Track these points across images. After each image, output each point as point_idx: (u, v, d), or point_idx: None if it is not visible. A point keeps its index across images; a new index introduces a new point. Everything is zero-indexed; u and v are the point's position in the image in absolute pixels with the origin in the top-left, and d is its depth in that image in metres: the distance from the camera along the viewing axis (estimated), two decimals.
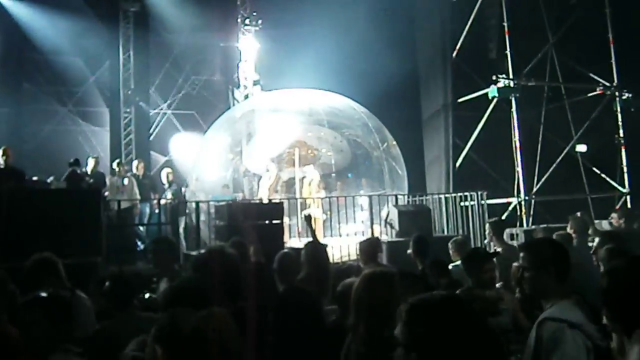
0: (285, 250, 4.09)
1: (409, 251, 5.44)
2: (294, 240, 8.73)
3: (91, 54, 13.76)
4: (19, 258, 4.30)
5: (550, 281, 2.38)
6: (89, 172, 9.12)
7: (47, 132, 13.11)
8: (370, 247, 5.47)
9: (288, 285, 3.95)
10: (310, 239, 4.98)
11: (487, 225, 5.96)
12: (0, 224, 6.33)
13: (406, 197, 10.10)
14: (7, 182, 7.40)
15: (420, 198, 10.30)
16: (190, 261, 6.67)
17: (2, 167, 8.13)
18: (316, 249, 4.42)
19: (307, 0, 13.97)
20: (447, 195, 9.79)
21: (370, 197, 9.26)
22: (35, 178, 8.82)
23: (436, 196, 10.00)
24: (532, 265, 2.44)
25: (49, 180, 9.06)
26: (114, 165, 9.79)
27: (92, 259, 6.26)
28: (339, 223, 9.13)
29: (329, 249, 6.63)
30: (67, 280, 3.94)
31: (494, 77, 11.51)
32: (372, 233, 8.92)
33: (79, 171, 8.17)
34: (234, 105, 12.93)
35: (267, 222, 6.82)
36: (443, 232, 9.30)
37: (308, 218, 5.79)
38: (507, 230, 7.74)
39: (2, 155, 8.21)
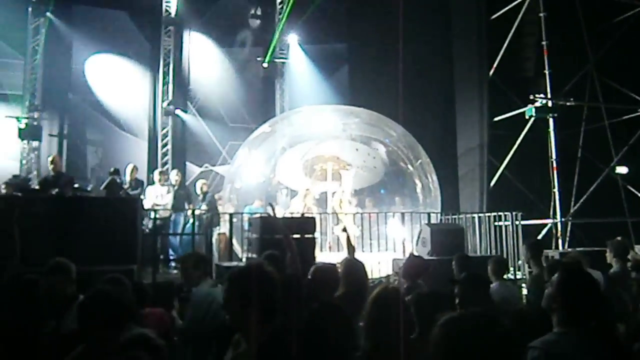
0: (320, 264, 4.04)
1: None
2: (325, 255, 8.74)
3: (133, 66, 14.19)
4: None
5: None
6: (128, 181, 9.33)
7: (89, 140, 13.51)
8: (415, 265, 5.41)
9: (321, 301, 3.89)
10: (343, 254, 4.97)
11: (524, 247, 5.82)
12: (42, 230, 6.53)
13: (439, 215, 10.01)
14: (55, 188, 7.68)
15: (454, 217, 10.18)
16: (220, 272, 6.78)
17: (51, 174, 8.45)
18: (355, 266, 4.40)
19: (344, 17, 14.16)
20: (480, 214, 9.66)
21: (402, 214, 9.21)
22: (76, 185, 9.10)
23: (470, 215, 9.88)
24: None
25: (89, 188, 9.34)
26: (155, 175, 9.99)
27: (129, 267, 6.39)
28: (371, 239, 9.10)
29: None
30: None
31: (531, 97, 11.35)
32: (404, 250, 8.87)
33: (118, 180, 8.39)
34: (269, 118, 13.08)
35: (299, 236, 6.84)
36: (476, 252, 9.17)
37: (345, 231, 5.76)
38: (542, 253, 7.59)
39: (51, 163, 8.53)
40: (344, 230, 5.65)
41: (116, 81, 13.96)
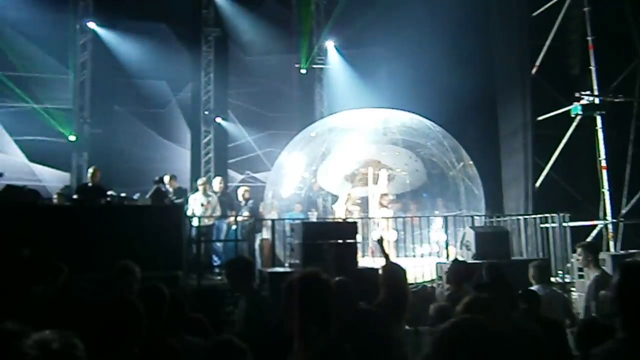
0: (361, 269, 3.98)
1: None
2: (367, 260, 8.70)
3: (174, 76, 14.54)
4: (106, 270, 4.56)
5: None
6: (171, 190, 9.53)
7: (135, 150, 13.88)
8: (459, 270, 5.33)
9: (357, 309, 3.80)
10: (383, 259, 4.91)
11: (579, 249, 5.60)
12: (89, 238, 6.75)
13: (483, 218, 9.83)
14: (94, 199, 7.92)
15: (498, 219, 9.97)
16: (263, 277, 6.84)
17: (89, 184, 8.72)
18: (394, 271, 4.35)
19: (381, 20, 14.11)
20: (526, 216, 9.42)
21: (445, 217, 9.08)
22: (123, 194, 9.37)
23: (515, 217, 9.65)
24: None
25: (135, 197, 9.58)
26: (199, 183, 10.16)
27: (174, 273, 6.52)
28: (413, 243, 9.01)
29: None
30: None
31: (576, 94, 11.03)
32: (448, 254, 8.74)
33: (163, 188, 8.59)
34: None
35: (341, 241, 6.84)
36: (521, 255, 8.95)
37: (381, 241, 5.71)
38: None
39: (92, 175, 8.80)
40: (380, 241, 5.57)
41: (159, 91, 14.32)
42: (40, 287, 3.81)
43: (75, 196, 8.20)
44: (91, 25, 13.51)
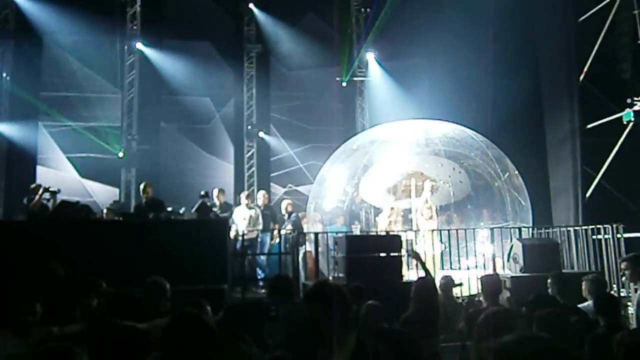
0: (405, 281, 3.94)
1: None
2: (412, 273, 8.59)
3: (218, 92, 14.87)
4: None
5: None
6: (217, 204, 9.69)
7: (180, 166, 14.22)
8: (493, 284, 5.23)
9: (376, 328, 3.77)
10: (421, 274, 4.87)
11: (624, 263, 5.36)
12: (137, 253, 6.92)
13: (530, 229, 9.55)
14: (148, 213, 8.15)
15: (547, 231, 9.67)
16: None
17: (144, 201, 8.97)
18: (425, 286, 4.30)
19: (422, 31, 14.04)
20: (577, 227, 9.09)
21: (491, 229, 8.88)
22: (169, 209, 9.60)
23: (564, 229, 9.33)
24: None
25: (181, 211, 9.81)
26: (242, 197, 10.30)
27: (220, 286, 6.60)
28: (459, 256, 8.84)
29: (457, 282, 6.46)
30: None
31: (628, 100, 10.63)
32: (494, 267, 8.53)
33: (208, 202, 8.75)
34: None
35: (385, 254, 6.79)
36: (572, 268, 8.64)
37: (416, 256, 5.63)
38: None
39: (143, 191, 9.06)
40: (416, 257, 5.48)
41: (203, 107, 14.66)
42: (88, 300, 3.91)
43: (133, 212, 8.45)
44: (138, 45, 14.00)
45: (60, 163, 13.76)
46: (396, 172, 10.39)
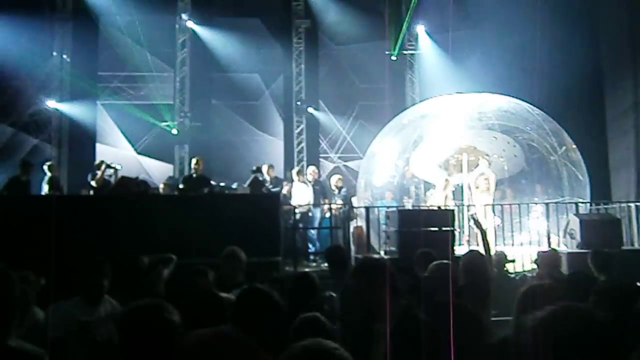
0: (438, 262, 3.89)
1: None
2: (462, 248, 8.52)
3: (267, 69, 14.97)
4: (210, 255, 4.83)
5: None
6: (267, 179, 9.84)
7: (231, 142, 14.48)
8: (550, 259, 5.14)
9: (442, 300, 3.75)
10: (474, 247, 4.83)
11: None
12: (193, 226, 7.14)
13: (588, 205, 9.27)
14: (198, 189, 8.38)
15: (605, 206, 9.36)
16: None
17: (194, 175, 9.21)
18: (475, 259, 4.27)
19: (473, 2, 13.62)
20: (638, 203, 8.76)
21: (547, 204, 8.67)
22: (222, 184, 9.83)
23: (625, 204, 9.00)
24: None
25: (234, 186, 10.03)
26: (293, 172, 10.42)
27: (274, 259, 6.76)
28: (512, 232, 8.69)
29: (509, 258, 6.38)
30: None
31: None
32: (549, 243, 8.36)
33: (260, 177, 8.90)
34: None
35: (437, 229, 6.76)
36: (633, 245, 8.35)
37: (477, 222, 5.57)
38: None
39: (195, 165, 9.29)
40: (476, 220, 5.39)
41: (252, 84, 14.81)
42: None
43: (181, 186, 8.71)
44: (189, 24, 14.21)
45: (118, 140, 14.28)
46: (448, 146, 10.25)
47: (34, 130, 13.69)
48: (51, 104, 13.67)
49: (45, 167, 9.23)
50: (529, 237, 9.26)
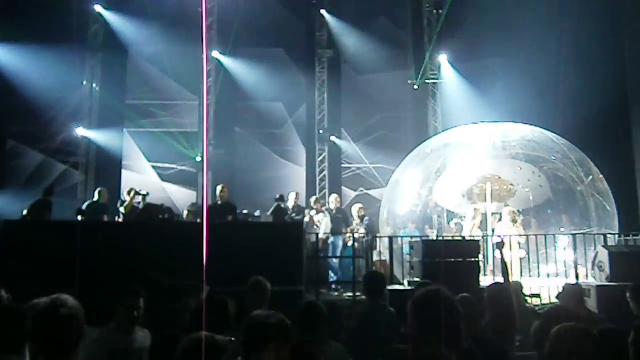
0: (465, 295, 3.80)
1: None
2: (487, 279, 8.37)
3: (290, 98, 15.15)
4: (231, 284, 4.80)
5: None
6: (290, 207, 9.86)
7: (254, 169, 14.60)
8: (574, 294, 5.02)
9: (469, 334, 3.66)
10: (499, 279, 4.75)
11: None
12: (217, 253, 7.16)
13: (617, 236, 9.07)
14: (223, 216, 8.43)
15: (635, 238, 9.14)
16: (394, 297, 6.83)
17: (219, 202, 9.29)
18: (501, 291, 4.19)
19: (496, 30, 13.67)
20: None
21: (574, 235, 8.50)
22: (245, 211, 9.87)
23: None
24: None
25: (257, 214, 10.06)
26: (312, 200, 10.44)
27: (297, 288, 6.72)
28: (538, 263, 8.52)
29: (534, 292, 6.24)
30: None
31: None
32: (577, 275, 8.17)
33: (283, 206, 8.93)
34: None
35: (462, 259, 6.68)
36: None
37: (500, 245, 5.49)
38: None
39: (221, 192, 9.37)
40: (500, 243, 5.30)
41: (276, 113, 14.99)
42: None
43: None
44: (215, 54, 14.52)
45: (143, 167, 14.53)
46: (471, 175, 10.17)
47: (63, 156, 14.04)
48: (80, 131, 14.01)
49: (96, 193, 9.59)
50: (555, 268, 9.07)
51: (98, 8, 14.24)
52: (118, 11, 14.15)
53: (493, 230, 9.34)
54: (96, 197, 9.57)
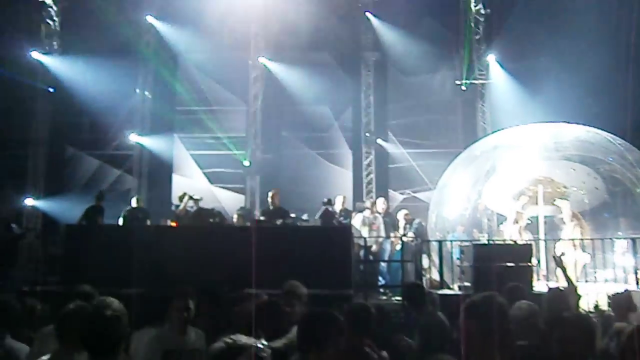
0: (520, 302, 3.71)
1: None
2: (541, 284, 8.15)
3: (336, 101, 15.20)
4: (280, 288, 4.86)
5: None
6: (338, 211, 9.88)
7: (300, 173, 14.72)
8: (624, 302, 4.83)
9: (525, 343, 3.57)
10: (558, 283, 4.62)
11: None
12: (267, 256, 7.26)
13: None
14: (274, 220, 8.55)
15: None
16: (433, 301, 6.76)
17: (270, 207, 9.41)
18: (560, 297, 4.07)
19: (546, 28, 13.33)
20: None
21: (633, 240, 8.18)
22: (293, 215, 9.96)
23: None
24: None
25: (304, 217, 10.13)
26: (366, 204, 10.40)
27: (346, 292, 6.74)
28: (595, 268, 8.25)
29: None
30: None
31: None
32: (637, 281, 7.86)
33: (330, 209, 8.97)
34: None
35: (514, 264, 6.54)
36: None
37: (559, 261, 5.34)
38: None
39: (271, 197, 9.49)
40: (558, 259, 5.15)
41: (322, 116, 15.05)
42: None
43: (262, 217, 8.94)
44: (261, 60, 14.73)
45: (192, 171, 14.90)
46: (522, 178, 9.94)
47: (117, 162, 14.62)
48: (133, 137, 14.53)
49: (133, 200, 10.16)
50: (613, 274, 8.75)
51: (150, 19, 14.73)
52: (168, 21, 14.61)
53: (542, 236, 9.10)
54: (134, 204, 10.01)
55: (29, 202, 14.12)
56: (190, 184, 13.98)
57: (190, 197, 8.84)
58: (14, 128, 14.02)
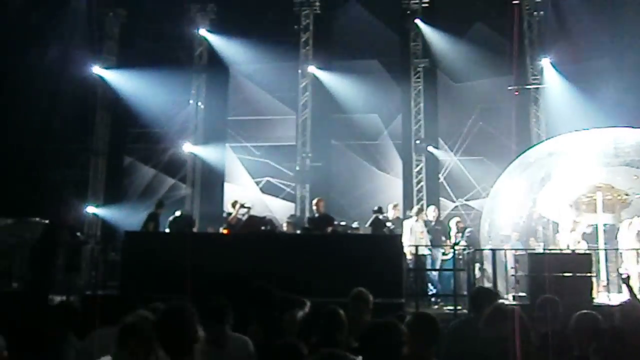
0: (585, 311, 3.58)
1: None
2: (602, 296, 7.84)
3: (386, 109, 15.15)
4: (331, 295, 4.89)
5: None
6: (391, 218, 9.83)
7: (350, 181, 14.74)
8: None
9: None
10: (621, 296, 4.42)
11: None
12: (317, 264, 7.31)
13: None
14: (321, 228, 8.59)
15: None
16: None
17: (316, 215, 9.49)
18: (635, 311, 3.90)
19: (603, 30, 12.88)
20: None
21: None
22: (343, 223, 10.00)
23: None
24: None
25: (354, 225, 10.15)
26: (414, 212, 10.30)
27: (398, 300, 6.70)
28: None
29: None
30: None
31: None
32: None
33: (381, 217, 8.95)
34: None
35: (572, 274, 6.32)
36: None
37: (626, 280, 5.08)
38: None
39: (316, 205, 9.57)
40: (626, 279, 4.90)
41: (371, 124, 15.03)
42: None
43: (307, 225, 9.04)
44: (311, 69, 14.90)
45: (244, 180, 15.19)
46: (580, 185, 9.60)
47: (172, 171, 15.13)
48: (187, 147, 14.98)
49: (177, 212, 10.66)
50: None
51: (202, 32, 15.20)
52: (220, 33, 15.04)
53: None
54: (178, 213, 10.60)
55: (90, 210, 14.77)
56: (242, 192, 14.24)
57: (242, 205, 9.04)
58: (76, 140, 14.81)
